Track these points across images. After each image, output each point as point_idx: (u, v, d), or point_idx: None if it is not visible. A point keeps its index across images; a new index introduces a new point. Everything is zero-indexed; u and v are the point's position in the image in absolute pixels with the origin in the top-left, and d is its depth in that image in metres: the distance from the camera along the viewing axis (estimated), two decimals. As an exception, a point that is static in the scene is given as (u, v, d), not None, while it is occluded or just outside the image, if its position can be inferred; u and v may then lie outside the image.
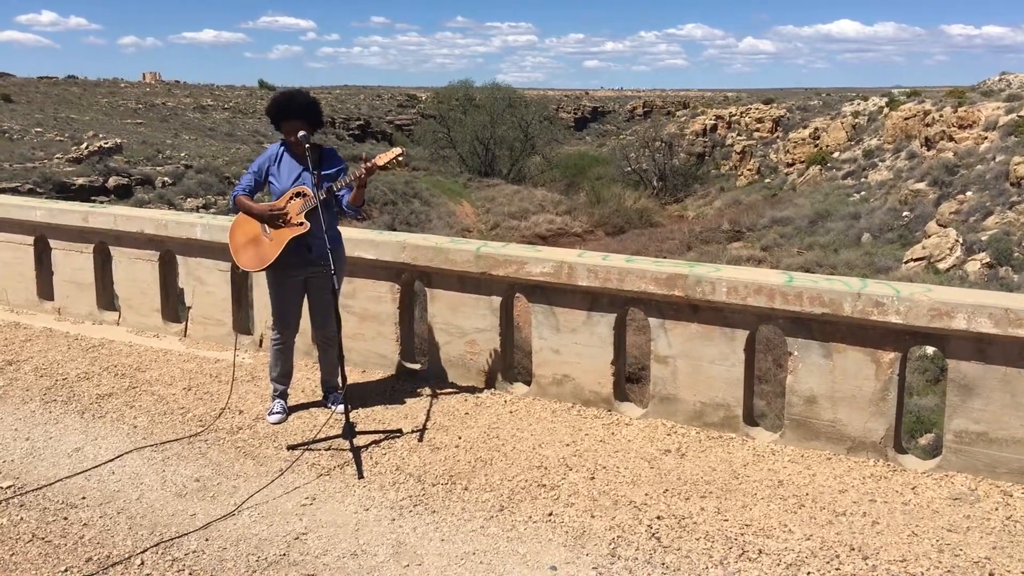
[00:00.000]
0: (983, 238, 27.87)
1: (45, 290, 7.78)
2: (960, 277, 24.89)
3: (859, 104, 56.20)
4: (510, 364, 5.99)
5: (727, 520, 4.15)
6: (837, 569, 3.74)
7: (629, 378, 6.01)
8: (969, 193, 32.47)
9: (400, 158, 5.14)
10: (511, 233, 42.14)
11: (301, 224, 5.09)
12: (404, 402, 5.67)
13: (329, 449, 4.91)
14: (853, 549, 3.89)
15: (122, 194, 35.80)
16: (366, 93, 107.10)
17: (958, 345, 4.51)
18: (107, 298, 7.54)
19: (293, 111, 5.13)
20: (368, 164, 5.00)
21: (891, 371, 4.67)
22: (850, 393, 4.77)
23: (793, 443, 4.96)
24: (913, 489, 4.44)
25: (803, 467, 4.71)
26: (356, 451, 4.76)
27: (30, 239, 7.72)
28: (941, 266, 26.85)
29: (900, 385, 4.71)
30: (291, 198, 5.15)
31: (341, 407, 5.19)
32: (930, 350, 17.21)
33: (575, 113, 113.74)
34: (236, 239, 5.30)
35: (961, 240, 27.78)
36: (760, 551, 3.88)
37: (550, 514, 4.21)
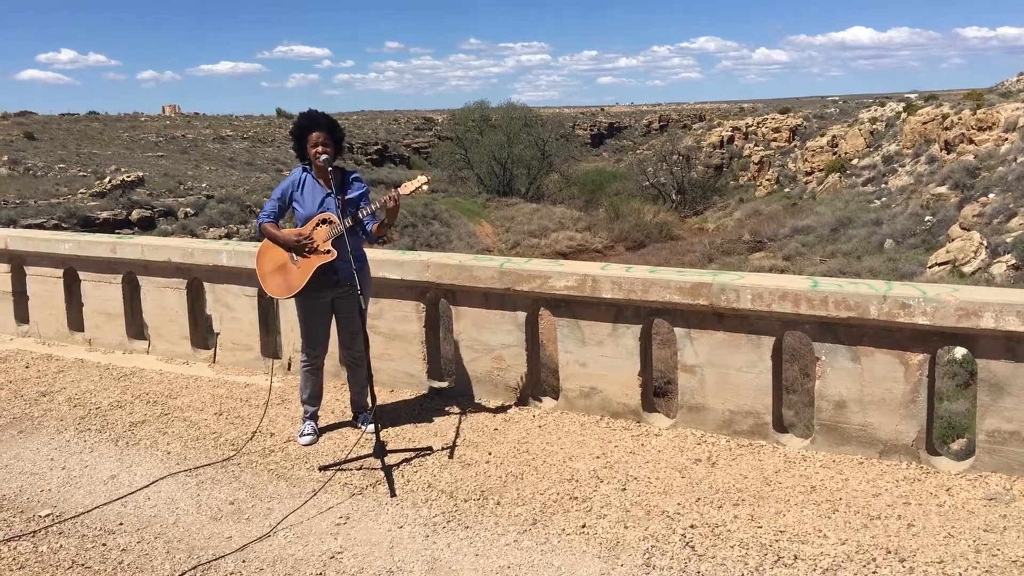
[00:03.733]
0: (1008, 240, 27.56)
1: (75, 321, 7.89)
2: (986, 280, 24.63)
3: (876, 110, 55.99)
4: (537, 379, 6.01)
5: (761, 527, 4.14)
6: (874, 572, 3.72)
7: (655, 392, 6.01)
8: (991, 195, 32.18)
9: (425, 186, 5.20)
10: (531, 251, 42.21)
11: (328, 252, 5.14)
12: (433, 420, 5.70)
13: (361, 468, 4.95)
14: (889, 552, 3.87)
15: (145, 226, 36.21)
16: (383, 118, 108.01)
17: (987, 344, 4.49)
18: (136, 327, 7.63)
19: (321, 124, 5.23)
20: (393, 193, 5.07)
21: (920, 373, 4.65)
22: (880, 396, 4.75)
23: (824, 448, 4.94)
24: (947, 490, 4.42)
25: (835, 472, 4.69)
26: (387, 469, 4.79)
27: (59, 272, 7.84)
28: (966, 270, 26.61)
29: (930, 387, 4.69)
30: (317, 225, 5.19)
31: (371, 427, 5.23)
32: (959, 354, 17.06)
33: (591, 130, 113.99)
34: (263, 266, 5.35)
35: (985, 243, 27.51)
36: (796, 557, 3.87)
37: (583, 526, 4.22)
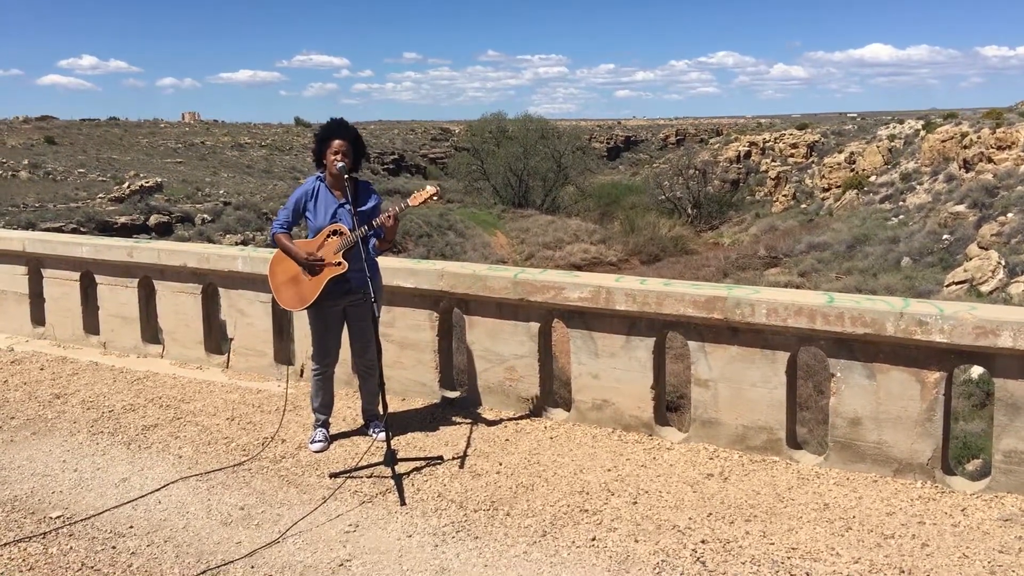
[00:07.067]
0: (1026, 260, 27.35)
1: (91, 324, 7.93)
2: (1004, 300, 24.43)
3: (895, 127, 55.76)
4: (549, 390, 5.99)
5: (773, 544, 4.10)
6: (887, 592, 3.68)
7: (667, 406, 5.97)
8: (1010, 215, 31.94)
9: (435, 197, 5.18)
10: (546, 263, 42.18)
11: (339, 264, 5.14)
12: (444, 429, 5.69)
13: (371, 477, 4.93)
14: (903, 572, 3.82)
15: (163, 231, 36.47)
16: (400, 127, 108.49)
17: (1005, 363, 4.45)
18: (151, 331, 7.66)
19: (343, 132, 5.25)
20: (392, 211, 5.08)
21: (936, 391, 4.61)
22: (895, 414, 4.71)
23: (838, 466, 4.89)
24: (962, 511, 4.37)
25: (849, 489, 4.64)
26: (398, 478, 4.78)
27: (76, 275, 7.88)
28: (984, 289, 26.40)
29: (946, 405, 4.64)
30: (328, 236, 5.19)
31: (382, 435, 5.22)
32: (974, 374, 16.92)
33: (608, 143, 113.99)
34: (276, 277, 5.36)
35: (1003, 262, 27.29)
36: (808, 575, 3.83)
37: (593, 539, 4.19)
